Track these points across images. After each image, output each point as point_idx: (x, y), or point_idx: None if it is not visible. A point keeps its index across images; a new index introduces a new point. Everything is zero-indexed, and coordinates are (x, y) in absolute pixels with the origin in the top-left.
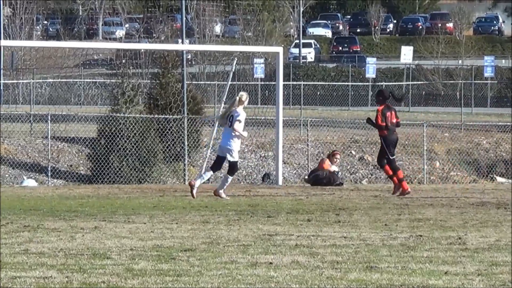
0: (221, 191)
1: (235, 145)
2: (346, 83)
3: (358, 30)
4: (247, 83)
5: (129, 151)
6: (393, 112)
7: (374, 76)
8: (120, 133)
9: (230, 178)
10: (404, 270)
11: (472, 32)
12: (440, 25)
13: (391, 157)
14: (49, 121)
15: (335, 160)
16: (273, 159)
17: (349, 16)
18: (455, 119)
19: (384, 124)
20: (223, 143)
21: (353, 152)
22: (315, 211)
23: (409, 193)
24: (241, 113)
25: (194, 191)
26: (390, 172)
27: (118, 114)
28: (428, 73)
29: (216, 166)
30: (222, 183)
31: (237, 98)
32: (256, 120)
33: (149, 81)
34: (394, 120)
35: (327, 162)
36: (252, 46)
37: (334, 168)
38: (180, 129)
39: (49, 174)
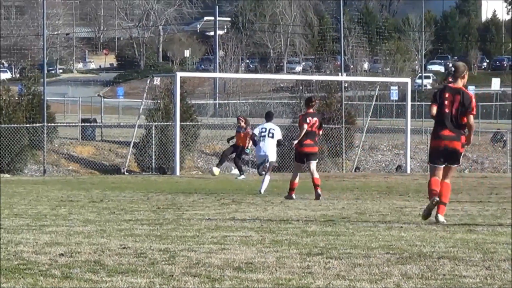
0: None
1: None
2: None
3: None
4: (385, 103)
5: None
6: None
7: None
8: (298, 137)
9: None
10: None
11: None
12: None
13: None
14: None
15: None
16: (403, 155)
17: (456, 57)
18: None
19: None
20: None
21: None
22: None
23: None
24: None
25: None
26: None
27: (297, 124)
28: None
29: None
30: None
31: None
32: (392, 129)
33: (318, 101)
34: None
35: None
36: (389, 78)
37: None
38: (339, 134)
39: (249, 165)
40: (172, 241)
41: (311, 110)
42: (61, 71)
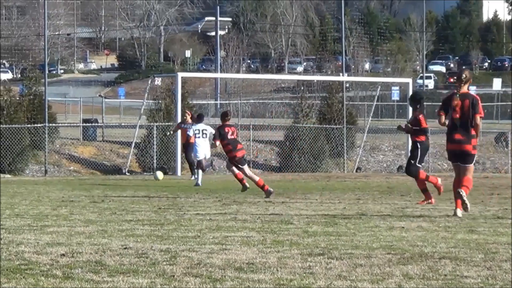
0: None
1: None
2: None
3: (464, 67)
4: (386, 103)
5: (306, 150)
6: None
7: None
8: (299, 137)
9: None
10: None
11: None
12: None
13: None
14: (250, 129)
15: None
16: (405, 156)
17: (457, 57)
18: None
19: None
20: None
21: None
22: (435, 191)
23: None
24: None
25: None
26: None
27: (298, 125)
28: None
29: None
30: None
31: None
32: (393, 129)
33: (319, 102)
34: None
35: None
36: (390, 78)
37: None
38: (341, 134)
39: (251, 165)
40: (173, 241)
41: (227, 123)
42: (62, 71)
